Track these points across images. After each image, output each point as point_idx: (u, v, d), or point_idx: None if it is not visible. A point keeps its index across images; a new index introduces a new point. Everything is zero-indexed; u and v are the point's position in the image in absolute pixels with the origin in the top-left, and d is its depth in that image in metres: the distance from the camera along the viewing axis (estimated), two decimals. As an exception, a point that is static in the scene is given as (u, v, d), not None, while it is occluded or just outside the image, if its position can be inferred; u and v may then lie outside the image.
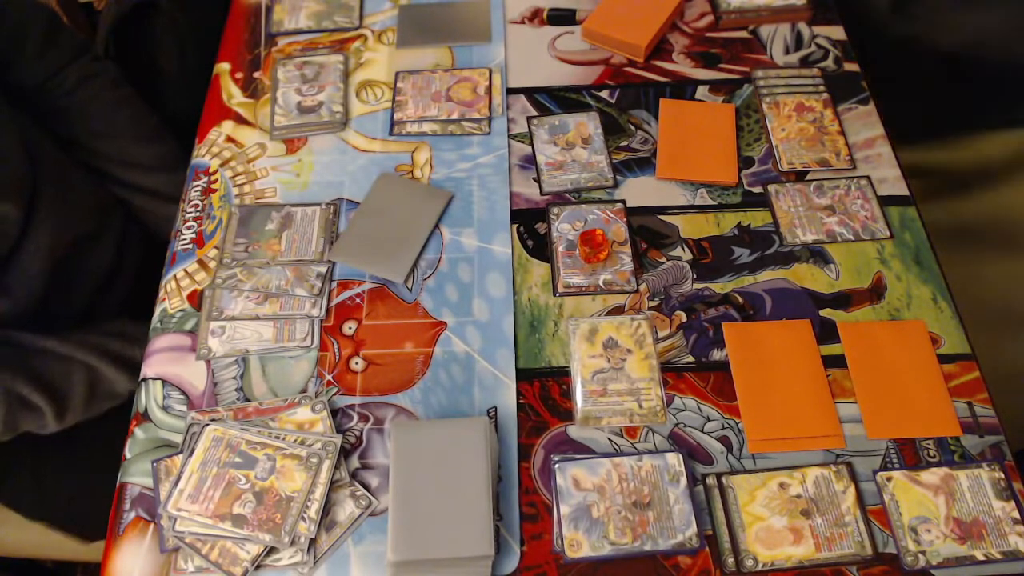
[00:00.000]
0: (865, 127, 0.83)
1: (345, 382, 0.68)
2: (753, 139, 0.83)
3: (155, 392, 0.68)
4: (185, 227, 0.78)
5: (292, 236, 0.76)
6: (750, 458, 0.64)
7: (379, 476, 0.63)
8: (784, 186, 0.79)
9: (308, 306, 0.72)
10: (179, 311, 0.72)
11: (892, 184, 0.79)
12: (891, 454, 0.63)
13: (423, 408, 0.67)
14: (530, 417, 0.66)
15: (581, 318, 0.71)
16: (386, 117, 0.86)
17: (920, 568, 0.59)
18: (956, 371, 0.67)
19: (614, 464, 0.63)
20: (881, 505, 0.61)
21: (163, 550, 0.60)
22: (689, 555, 0.59)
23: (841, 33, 0.91)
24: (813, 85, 0.86)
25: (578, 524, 0.61)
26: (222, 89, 0.89)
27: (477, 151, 0.82)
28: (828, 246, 0.75)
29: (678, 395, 0.67)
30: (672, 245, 0.76)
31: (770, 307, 0.71)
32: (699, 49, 0.91)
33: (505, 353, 0.69)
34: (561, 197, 0.79)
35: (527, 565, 0.60)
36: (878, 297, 0.72)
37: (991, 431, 0.64)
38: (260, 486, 0.61)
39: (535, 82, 0.88)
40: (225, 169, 0.82)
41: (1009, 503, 0.61)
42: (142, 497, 0.63)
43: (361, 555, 0.60)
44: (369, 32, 0.94)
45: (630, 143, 0.83)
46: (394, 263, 0.74)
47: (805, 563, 0.59)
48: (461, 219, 0.77)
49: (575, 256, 0.75)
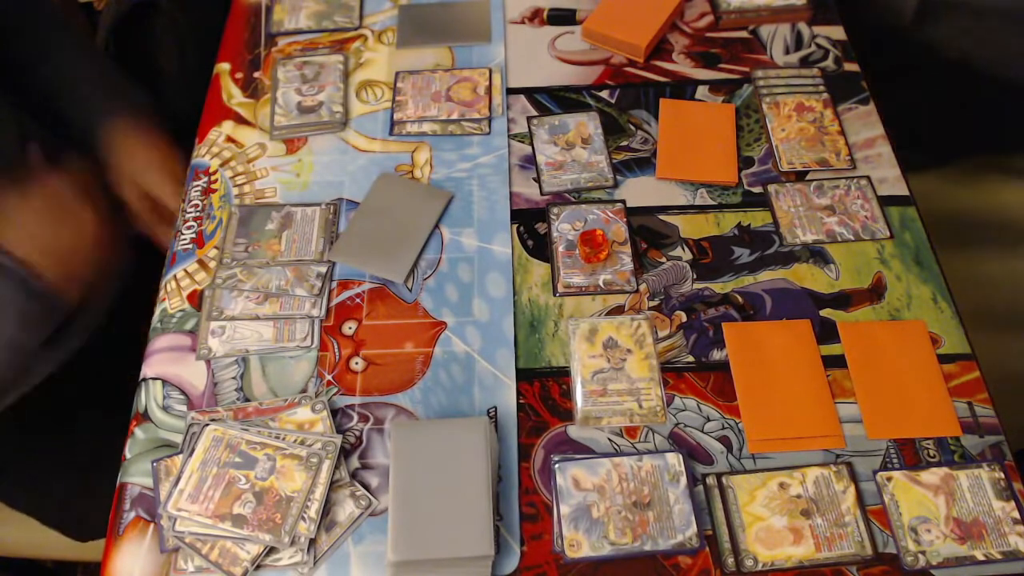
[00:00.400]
0: (865, 127, 0.83)
1: (345, 382, 0.68)
2: (753, 139, 0.83)
3: (155, 392, 0.68)
4: (185, 227, 0.78)
5: (292, 236, 0.76)
6: (750, 458, 0.64)
7: (379, 476, 0.63)
8: (784, 186, 0.79)
9: (308, 306, 0.72)
10: (179, 311, 0.72)
11: (892, 184, 0.79)
12: (891, 454, 0.63)
13: (423, 408, 0.67)
14: (530, 417, 0.66)
15: (581, 318, 0.71)
16: (386, 117, 0.86)
17: (920, 568, 0.58)
18: (956, 371, 0.67)
19: (614, 464, 0.63)
20: (881, 505, 0.61)
21: (163, 550, 0.60)
22: (689, 555, 0.59)
23: (841, 33, 0.91)
24: (813, 85, 0.86)
25: (578, 524, 0.61)
26: (222, 89, 0.89)
27: (477, 151, 0.82)
28: (828, 246, 0.75)
29: (678, 395, 0.67)
30: (672, 245, 0.76)
31: (770, 307, 0.71)
32: (699, 49, 0.91)
33: (505, 353, 0.69)
34: (561, 197, 0.79)
35: (527, 565, 0.60)
36: (878, 297, 0.72)
37: (991, 431, 0.64)
38: (260, 486, 0.61)
39: (535, 82, 0.88)
40: (225, 169, 0.82)
41: (1009, 503, 0.61)
42: (142, 497, 0.63)
43: (361, 555, 0.60)
44: (369, 32, 0.94)
45: (630, 143, 0.83)
46: (394, 263, 0.74)
47: (805, 563, 0.59)
48: (461, 219, 0.77)
49: (575, 256, 0.75)
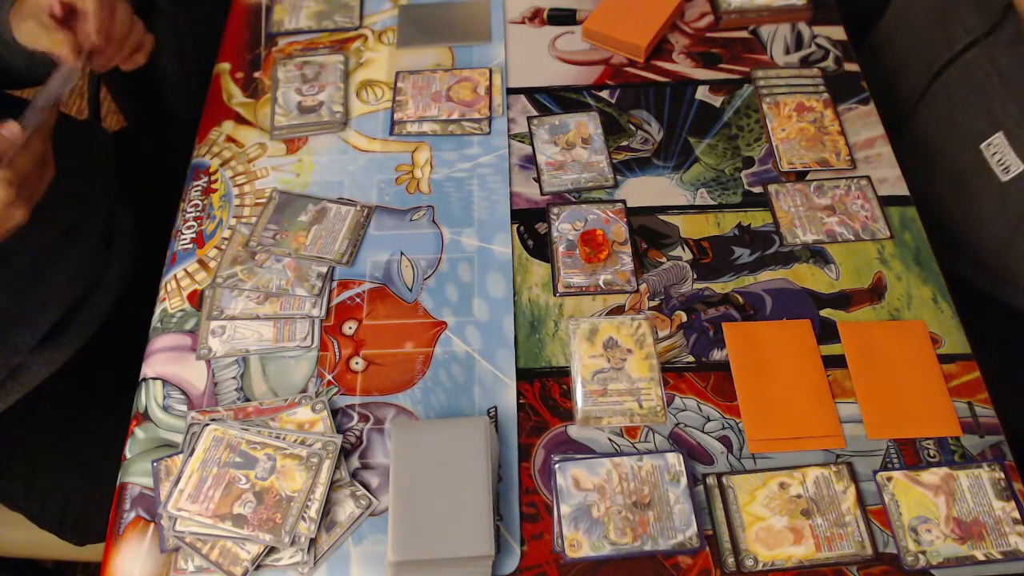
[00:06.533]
0: (865, 127, 0.83)
1: (345, 382, 0.68)
2: (753, 139, 0.83)
3: (155, 392, 0.68)
4: (185, 227, 0.78)
5: (320, 232, 0.76)
6: (750, 458, 0.64)
7: (379, 476, 0.63)
8: (784, 186, 0.79)
9: (308, 306, 0.72)
10: (179, 311, 0.72)
11: (892, 184, 0.79)
12: (891, 454, 0.63)
13: (423, 408, 0.67)
14: (530, 417, 0.66)
15: (581, 318, 0.71)
16: (386, 117, 0.86)
17: (920, 568, 0.58)
18: (956, 371, 0.67)
19: (614, 464, 0.63)
20: (881, 505, 0.61)
21: (163, 550, 0.60)
22: (689, 555, 0.59)
23: (841, 33, 0.91)
24: (813, 85, 0.86)
25: (578, 524, 0.61)
26: (222, 89, 0.89)
27: (477, 151, 0.82)
28: (828, 246, 0.75)
29: (678, 395, 0.67)
30: (672, 245, 0.76)
31: (770, 307, 0.71)
32: (699, 49, 0.91)
33: (505, 353, 0.69)
34: (561, 197, 0.79)
35: (527, 565, 0.60)
36: (878, 297, 0.72)
37: (991, 431, 0.64)
38: (260, 486, 0.61)
39: (535, 82, 0.88)
40: (225, 169, 0.82)
41: (1009, 503, 0.61)
42: (142, 497, 0.63)
43: (361, 555, 0.60)
44: (369, 32, 0.94)
45: (630, 143, 0.83)
46: (472, 536, 0.57)
47: (805, 563, 0.59)
48: (461, 219, 0.77)
49: (575, 256, 0.75)
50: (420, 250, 0.76)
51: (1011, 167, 0.74)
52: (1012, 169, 0.73)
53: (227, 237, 0.76)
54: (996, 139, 0.75)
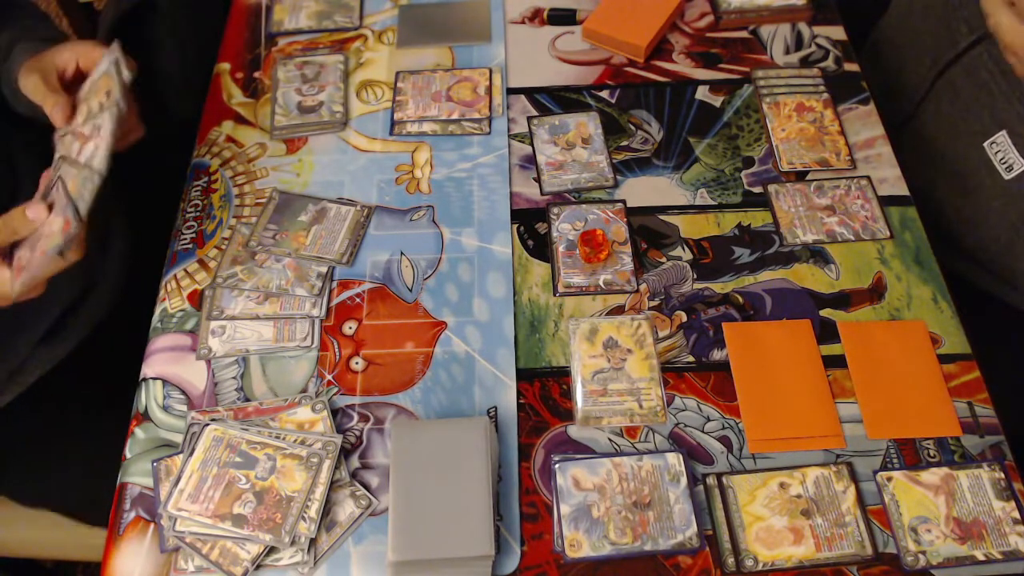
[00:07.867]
0: (865, 127, 0.83)
1: (345, 382, 0.68)
2: (753, 139, 0.83)
3: (155, 392, 0.68)
4: (185, 227, 0.78)
5: (320, 232, 0.76)
6: (750, 458, 0.64)
7: (379, 476, 0.63)
8: (784, 186, 0.79)
9: (308, 306, 0.72)
10: (179, 311, 0.72)
11: (892, 184, 0.79)
12: (891, 454, 0.63)
13: (423, 408, 0.67)
14: (530, 417, 0.66)
15: (581, 318, 0.71)
16: (386, 117, 0.86)
17: (920, 568, 0.58)
18: (956, 371, 0.67)
19: (614, 464, 0.63)
20: (881, 505, 0.61)
21: (163, 550, 0.60)
22: (689, 555, 0.59)
23: (841, 33, 0.91)
24: (813, 85, 0.86)
25: (578, 524, 0.61)
26: (222, 89, 0.89)
27: (477, 151, 0.82)
28: (828, 246, 0.75)
29: (678, 395, 0.67)
30: (672, 245, 0.76)
31: (770, 307, 0.71)
32: (699, 49, 0.91)
33: (505, 353, 0.69)
34: (561, 197, 0.79)
35: (527, 565, 0.60)
36: (878, 297, 0.72)
37: (991, 431, 0.64)
38: (260, 486, 0.61)
39: (535, 82, 0.88)
40: (225, 169, 0.82)
41: (1009, 503, 0.61)
42: (142, 497, 0.63)
43: (361, 555, 0.60)
44: (369, 32, 0.94)
45: (630, 143, 0.83)
46: (471, 535, 0.57)
47: (805, 563, 0.59)
48: (461, 219, 0.77)
49: (575, 256, 0.75)
50: (420, 250, 0.76)
51: (1014, 165, 0.73)
52: (1015, 167, 0.73)
53: (227, 237, 0.77)
54: (999, 137, 0.74)
